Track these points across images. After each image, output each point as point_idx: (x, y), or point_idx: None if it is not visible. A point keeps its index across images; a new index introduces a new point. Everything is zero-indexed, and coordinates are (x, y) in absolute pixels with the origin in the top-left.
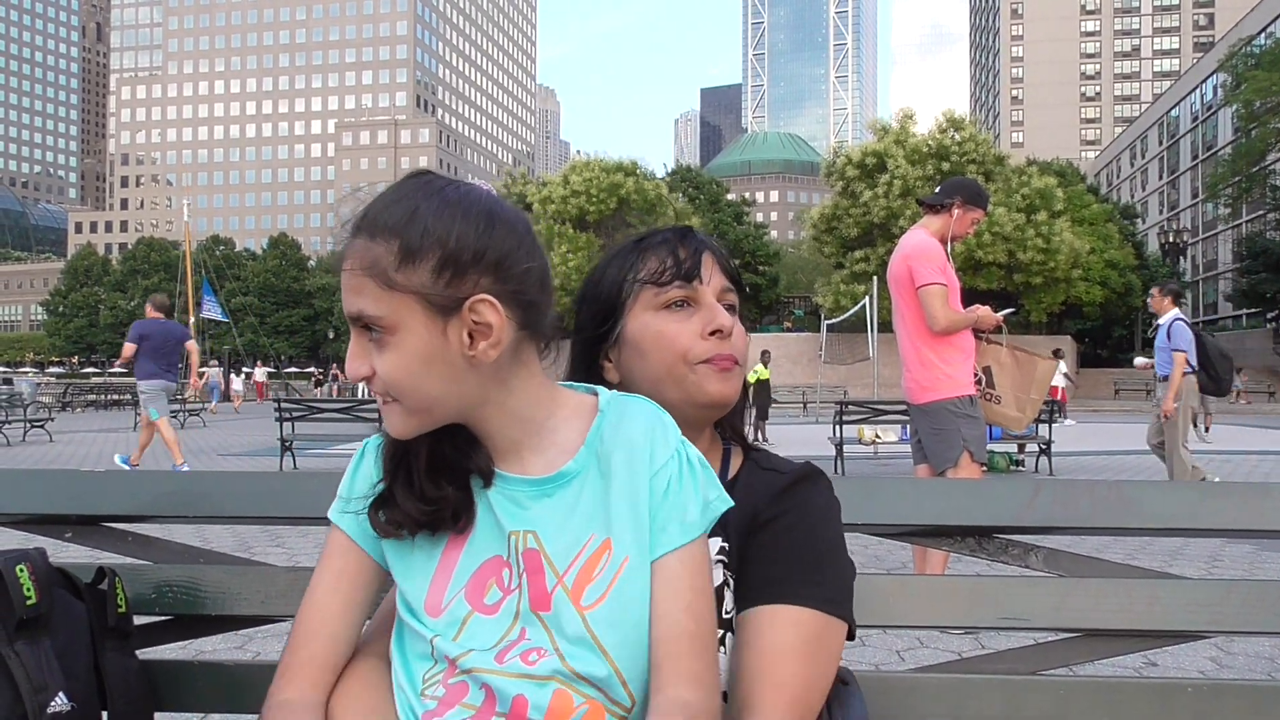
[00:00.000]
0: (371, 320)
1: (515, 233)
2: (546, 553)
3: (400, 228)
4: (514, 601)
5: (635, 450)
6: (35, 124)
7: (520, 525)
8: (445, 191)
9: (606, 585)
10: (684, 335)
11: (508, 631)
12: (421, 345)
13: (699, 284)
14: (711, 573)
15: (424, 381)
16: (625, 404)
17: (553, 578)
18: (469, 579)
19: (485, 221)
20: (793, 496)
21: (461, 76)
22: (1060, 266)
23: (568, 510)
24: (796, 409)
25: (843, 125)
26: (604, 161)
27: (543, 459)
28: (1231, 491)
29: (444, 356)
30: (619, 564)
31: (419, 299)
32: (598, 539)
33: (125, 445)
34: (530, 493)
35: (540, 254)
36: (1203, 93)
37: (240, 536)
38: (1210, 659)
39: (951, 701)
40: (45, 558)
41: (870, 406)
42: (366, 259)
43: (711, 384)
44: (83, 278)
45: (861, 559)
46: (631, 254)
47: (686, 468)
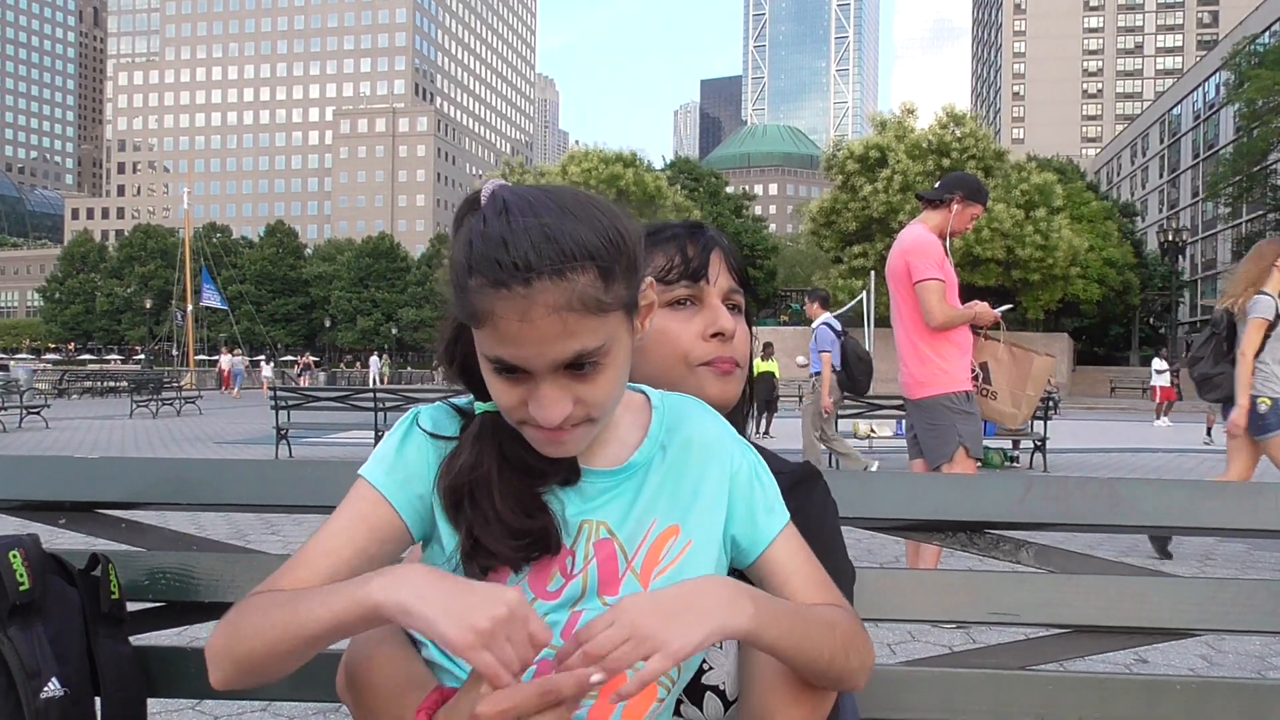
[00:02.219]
0: (590, 355)
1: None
2: (619, 540)
3: (589, 248)
4: (578, 585)
5: (710, 446)
6: (31, 109)
7: (590, 516)
8: (562, 199)
9: (671, 564)
10: (685, 336)
11: (567, 613)
12: (625, 352)
13: (705, 284)
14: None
15: (623, 387)
16: (679, 402)
17: (624, 563)
18: (531, 569)
19: (611, 212)
20: (794, 498)
21: (460, 65)
22: (1058, 264)
23: (632, 500)
24: (792, 403)
25: (843, 119)
26: (603, 152)
27: (608, 451)
28: (1224, 491)
29: (630, 355)
30: (682, 546)
31: (624, 311)
32: (661, 524)
33: (122, 432)
34: (600, 485)
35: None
36: (1205, 91)
37: (235, 524)
38: (1200, 656)
39: (941, 695)
40: (39, 544)
41: (866, 401)
42: (572, 296)
43: (711, 386)
44: (79, 264)
45: (855, 553)
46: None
47: (759, 461)
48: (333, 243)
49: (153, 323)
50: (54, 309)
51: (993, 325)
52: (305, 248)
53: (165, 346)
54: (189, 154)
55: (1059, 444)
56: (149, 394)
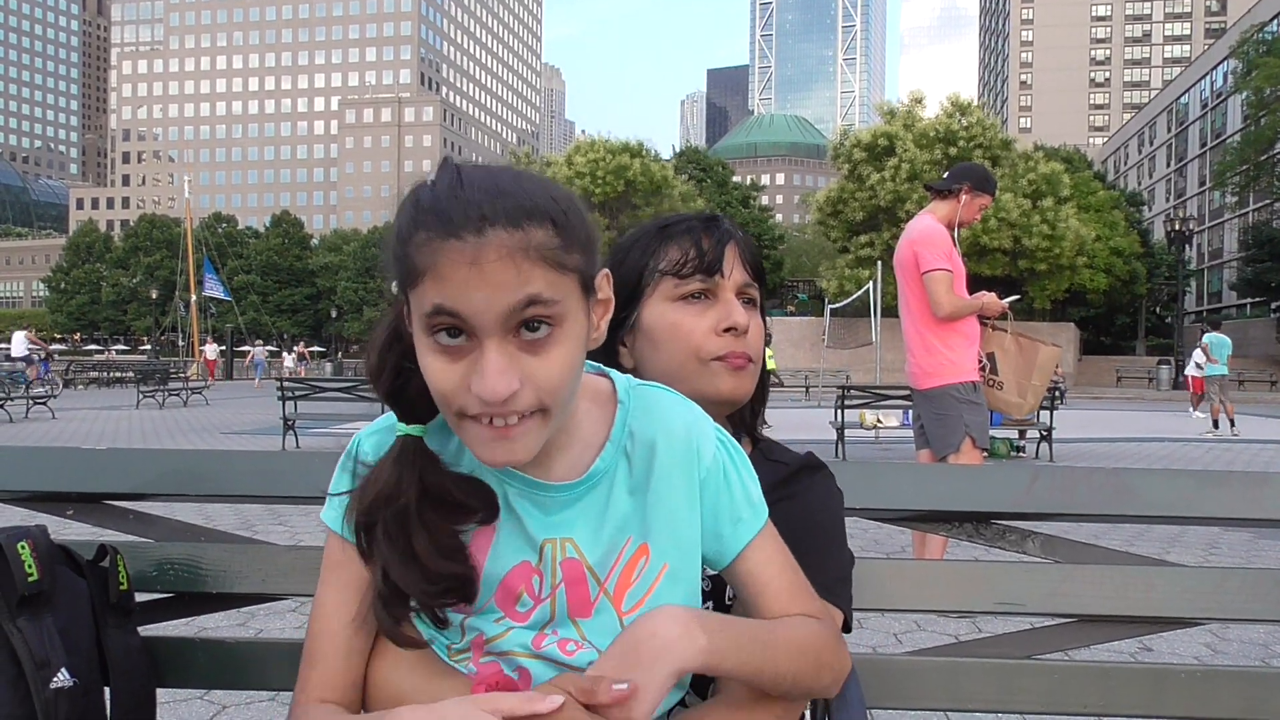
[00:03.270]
0: (543, 308)
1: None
2: (589, 562)
3: (544, 207)
4: (547, 610)
5: (677, 450)
6: (35, 98)
7: (554, 533)
8: (517, 171)
9: (645, 591)
10: (698, 330)
11: (538, 638)
12: (580, 334)
13: (720, 278)
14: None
15: (577, 378)
16: (646, 395)
17: (595, 587)
18: (496, 587)
19: (568, 191)
20: (794, 485)
21: (466, 54)
22: (1065, 253)
23: (599, 514)
24: (799, 393)
25: (850, 108)
26: (610, 142)
27: (567, 457)
28: (1230, 480)
29: (585, 344)
30: (657, 571)
31: (579, 281)
32: (634, 542)
33: (128, 423)
34: (561, 499)
35: None
36: (1213, 79)
37: (243, 515)
38: (1205, 644)
39: (947, 684)
40: (47, 535)
41: (872, 391)
42: (528, 244)
43: (724, 381)
44: (84, 254)
45: (861, 543)
46: (655, 239)
47: (735, 454)
48: (339, 233)
49: (158, 313)
50: (59, 299)
51: (999, 316)
52: (311, 238)
53: (171, 337)
54: (194, 143)
55: (1065, 434)
56: (155, 384)
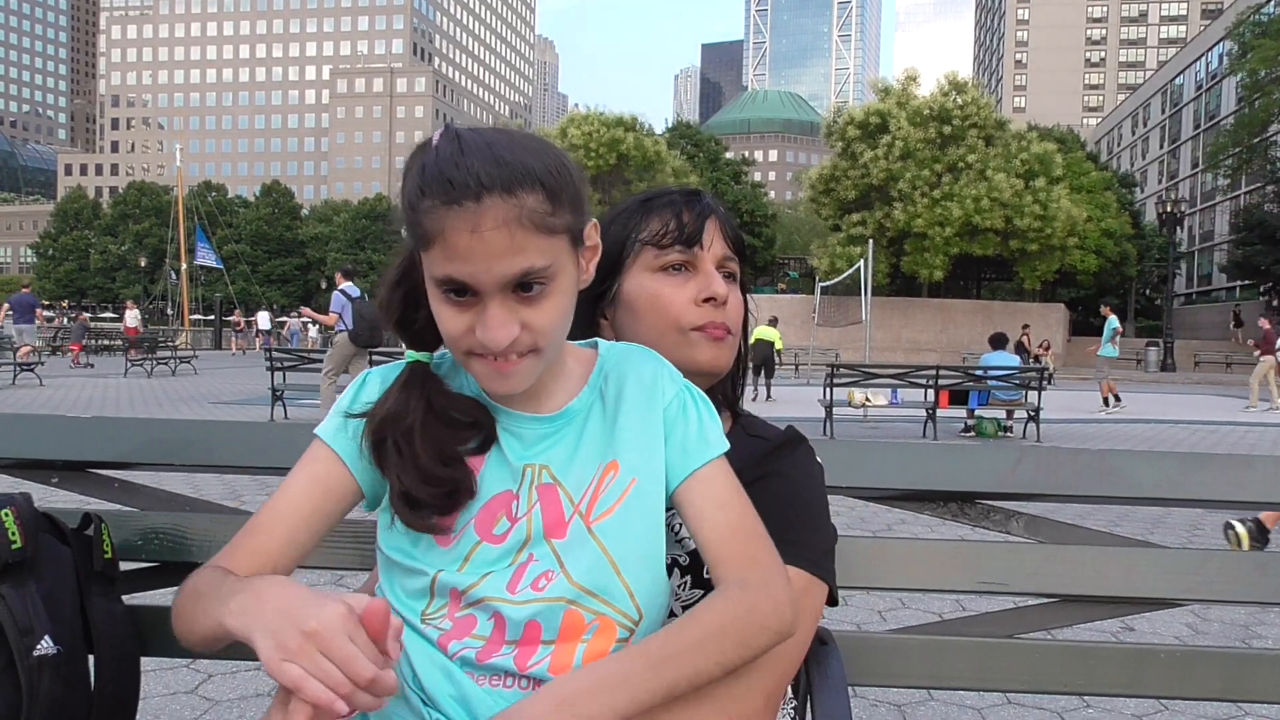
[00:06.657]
0: (538, 274)
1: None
2: (564, 486)
3: (536, 172)
4: (523, 528)
5: (644, 383)
6: (24, 61)
7: (532, 460)
8: (512, 135)
9: (614, 500)
10: (678, 300)
11: (515, 557)
12: (571, 284)
13: (699, 250)
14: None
15: (568, 321)
16: (625, 348)
17: (570, 507)
18: (478, 511)
19: (558, 151)
20: (776, 460)
21: (460, 25)
22: (1056, 234)
23: (574, 444)
24: (789, 370)
25: (844, 85)
26: (603, 116)
27: (552, 398)
28: (1213, 462)
29: (575, 289)
30: (625, 484)
31: (569, 237)
32: (604, 463)
33: (116, 392)
34: (540, 430)
35: None
36: (1208, 61)
37: (230, 485)
38: (1187, 625)
39: (930, 662)
40: (31, 502)
41: (861, 370)
42: (521, 211)
43: (703, 352)
44: (73, 221)
45: (847, 520)
46: (637, 213)
47: (698, 398)
48: (329, 204)
49: (147, 281)
50: (48, 265)
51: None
52: (301, 208)
53: (160, 305)
54: (184, 110)
55: (1053, 414)
56: (143, 353)
